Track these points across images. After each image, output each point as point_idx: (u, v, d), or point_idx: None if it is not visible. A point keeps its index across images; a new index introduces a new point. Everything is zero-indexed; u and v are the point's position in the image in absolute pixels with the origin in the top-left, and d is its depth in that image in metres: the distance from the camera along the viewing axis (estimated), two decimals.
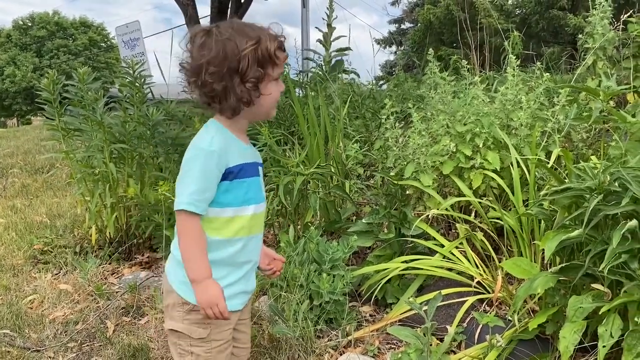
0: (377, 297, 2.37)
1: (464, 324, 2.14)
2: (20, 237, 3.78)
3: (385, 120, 2.78)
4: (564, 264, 1.81)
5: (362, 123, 4.04)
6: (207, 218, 1.37)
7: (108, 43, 34.56)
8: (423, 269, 2.35)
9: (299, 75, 5.49)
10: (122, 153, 3.32)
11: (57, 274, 3.19)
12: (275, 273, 1.64)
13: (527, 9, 13.51)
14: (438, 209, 2.48)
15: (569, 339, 1.61)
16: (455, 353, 2.03)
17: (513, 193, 2.42)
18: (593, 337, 1.69)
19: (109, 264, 3.24)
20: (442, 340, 2.01)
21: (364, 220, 2.59)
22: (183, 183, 1.35)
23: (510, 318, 1.96)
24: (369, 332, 2.24)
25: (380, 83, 7.68)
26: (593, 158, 2.48)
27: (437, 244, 2.46)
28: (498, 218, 2.42)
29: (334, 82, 4.70)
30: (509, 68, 2.84)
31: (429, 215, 2.46)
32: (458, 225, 2.54)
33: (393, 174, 2.68)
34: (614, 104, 2.81)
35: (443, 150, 2.60)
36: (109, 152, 3.22)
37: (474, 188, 2.52)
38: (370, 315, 2.44)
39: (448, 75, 3.02)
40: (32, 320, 2.60)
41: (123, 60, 5.76)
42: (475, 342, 2.03)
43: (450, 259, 2.38)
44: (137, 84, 3.35)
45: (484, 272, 2.34)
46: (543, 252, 1.77)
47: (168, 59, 4.47)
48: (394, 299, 2.41)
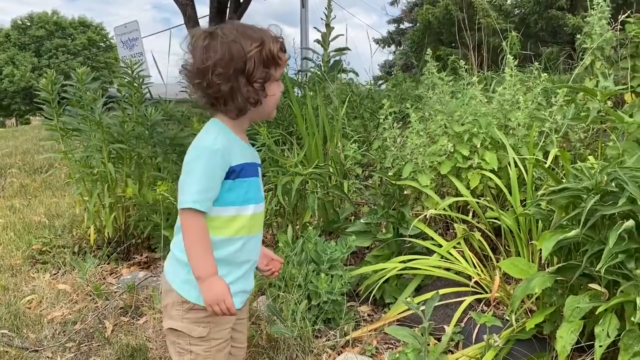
0: (375, 297, 2.37)
1: (462, 324, 2.14)
2: (19, 237, 3.78)
3: (384, 121, 2.78)
4: (561, 264, 1.81)
5: (360, 123, 4.04)
6: (208, 217, 1.38)
7: (107, 43, 34.58)
8: (421, 269, 2.36)
9: (297, 75, 5.49)
10: (120, 153, 3.32)
11: (55, 274, 3.19)
12: (274, 273, 1.65)
13: (525, 9, 13.51)
14: (436, 209, 2.48)
15: (566, 339, 1.62)
16: (453, 353, 2.04)
17: (510, 193, 2.42)
18: (590, 336, 1.69)
19: (108, 264, 3.24)
20: (439, 340, 2.01)
21: (362, 220, 2.59)
22: (187, 182, 1.35)
23: (508, 318, 1.97)
24: (367, 332, 2.24)
25: (379, 83, 7.68)
26: (590, 158, 2.48)
27: (435, 244, 2.46)
28: (496, 218, 2.42)
29: (333, 82, 4.70)
30: (507, 68, 2.84)
31: (427, 215, 2.47)
32: (456, 225, 2.55)
33: (391, 174, 2.69)
34: (612, 104, 2.82)
35: (441, 151, 2.61)
36: (108, 152, 3.22)
37: (472, 188, 2.53)
38: (368, 315, 2.45)
39: (446, 76, 3.02)
40: (30, 321, 2.60)
41: (122, 61, 5.75)
42: (473, 341, 2.03)
43: (448, 259, 2.38)
44: (135, 84, 3.36)
45: (482, 272, 2.35)
46: (540, 252, 1.77)
47: (166, 59, 4.47)
48: (392, 299, 2.41)
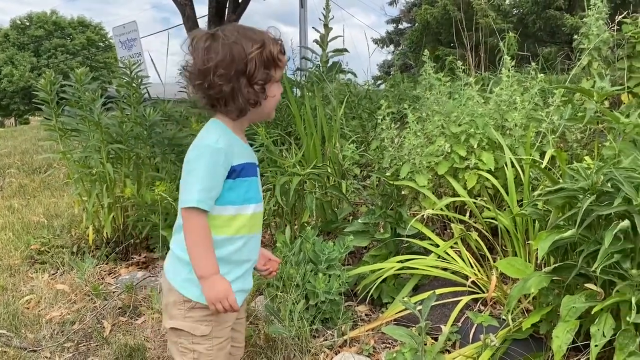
0: (372, 296, 2.38)
1: (459, 324, 2.15)
2: (18, 237, 3.78)
3: (382, 121, 2.79)
4: (558, 264, 1.82)
5: (358, 123, 4.05)
6: (210, 215, 1.38)
7: (106, 43, 34.57)
8: (418, 269, 2.36)
9: (295, 74, 5.50)
10: (119, 153, 3.32)
11: (54, 274, 3.19)
12: (272, 273, 1.66)
13: (524, 9, 13.54)
14: (433, 209, 2.49)
15: (562, 339, 1.63)
16: (450, 352, 2.04)
17: (507, 193, 2.43)
18: (586, 336, 1.70)
19: (106, 264, 3.24)
20: (436, 340, 2.01)
21: (360, 220, 2.60)
22: (189, 180, 1.36)
23: (505, 317, 1.98)
24: (365, 331, 2.25)
25: (378, 83, 7.70)
26: (587, 158, 2.49)
27: (432, 244, 2.47)
28: (492, 218, 2.43)
29: (331, 82, 4.71)
30: (504, 69, 2.85)
31: (424, 215, 2.47)
32: (453, 225, 2.56)
33: (389, 174, 2.70)
34: (609, 105, 2.83)
35: (438, 151, 2.62)
36: (106, 152, 3.23)
37: (469, 188, 2.53)
38: (366, 315, 2.46)
39: (443, 76, 3.03)
40: (28, 321, 2.61)
41: (120, 61, 5.75)
42: (470, 341, 2.04)
43: (445, 259, 2.39)
44: (134, 85, 3.36)
45: (479, 271, 2.36)
46: (537, 252, 1.78)
47: (165, 59, 4.48)
48: (390, 299, 2.42)
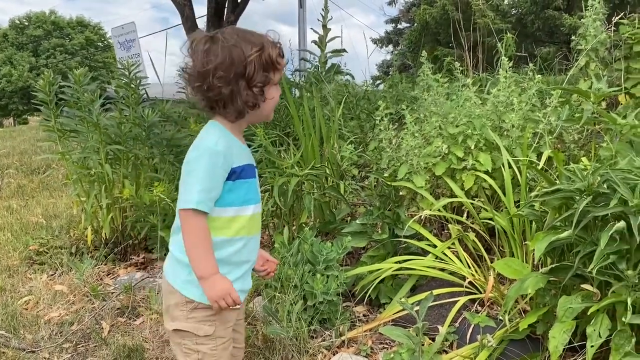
0: (370, 297, 2.38)
1: (456, 324, 2.15)
2: (16, 237, 3.79)
3: (380, 122, 2.79)
4: (554, 265, 1.83)
5: (356, 124, 4.05)
6: (209, 217, 1.39)
7: (105, 42, 34.55)
8: (416, 269, 2.37)
9: (294, 74, 5.51)
10: (117, 154, 3.33)
11: (52, 275, 3.20)
12: (270, 274, 1.67)
13: (522, 9, 13.54)
14: (431, 210, 2.50)
15: (559, 339, 1.63)
16: (447, 353, 2.05)
17: (504, 194, 2.43)
18: (582, 337, 1.70)
19: (105, 265, 3.25)
20: (434, 340, 2.02)
21: (358, 221, 2.60)
22: (189, 181, 1.36)
23: (502, 318, 1.98)
24: (362, 332, 2.25)
25: (377, 83, 7.70)
26: (584, 159, 2.50)
27: (429, 245, 2.47)
28: (490, 219, 2.44)
29: (329, 83, 4.71)
30: (501, 70, 2.86)
31: (422, 216, 2.48)
32: (450, 226, 2.56)
33: (387, 175, 2.70)
34: (606, 106, 2.83)
35: (435, 152, 2.62)
36: (105, 153, 3.23)
37: (466, 189, 2.54)
38: (364, 315, 2.46)
39: (441, 77, 3.04)
40: (27, 321, 2.61)
41: (119, 62, 5.75)
42: (467, 341, 2.05)
43: (443, 259, 2.40)
44: (132, 86, 3.36)
45: (476, 272, 2.36)
46: (534, 252, 1.78)
47: (163, 59, 4.49)
48: (387, 299, 2.42)
